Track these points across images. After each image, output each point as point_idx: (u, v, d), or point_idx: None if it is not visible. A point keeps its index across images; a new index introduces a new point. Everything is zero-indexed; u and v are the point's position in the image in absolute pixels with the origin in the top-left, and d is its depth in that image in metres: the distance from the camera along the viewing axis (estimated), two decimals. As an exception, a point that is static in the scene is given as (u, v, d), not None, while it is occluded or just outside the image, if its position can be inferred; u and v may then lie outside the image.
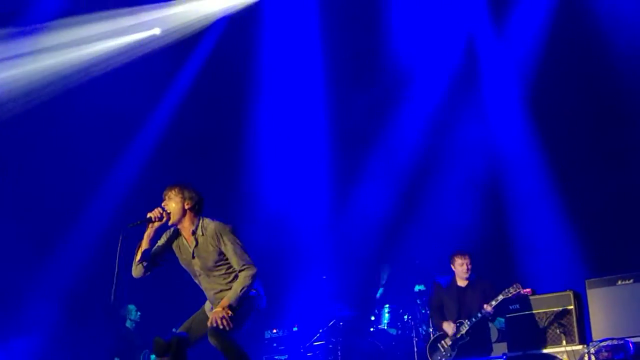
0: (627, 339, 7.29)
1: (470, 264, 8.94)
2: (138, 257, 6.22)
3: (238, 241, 6.18)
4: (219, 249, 6.16)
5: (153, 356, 10.15)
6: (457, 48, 12.01)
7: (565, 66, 10.80)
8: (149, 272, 6.34)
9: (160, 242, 6.37)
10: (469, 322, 8.62)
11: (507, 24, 11.59)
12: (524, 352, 8.01)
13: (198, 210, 6.31)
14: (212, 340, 5.98)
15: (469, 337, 8.63)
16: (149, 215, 6.16)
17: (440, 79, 11.92)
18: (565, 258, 10.36)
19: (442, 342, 8.80)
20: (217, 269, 6.23)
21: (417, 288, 10.65)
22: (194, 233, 6.24)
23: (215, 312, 6.02)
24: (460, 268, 8.95)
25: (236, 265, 6.14)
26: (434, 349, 8.90)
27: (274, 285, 11.11)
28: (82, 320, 11.28)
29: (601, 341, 7.39)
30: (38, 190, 11.36)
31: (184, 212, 6.24)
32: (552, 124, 10.98)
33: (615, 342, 7.28)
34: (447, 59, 11.97)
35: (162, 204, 6.25)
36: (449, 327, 8.75)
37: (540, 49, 11.13)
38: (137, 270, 6.29)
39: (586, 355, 7.39)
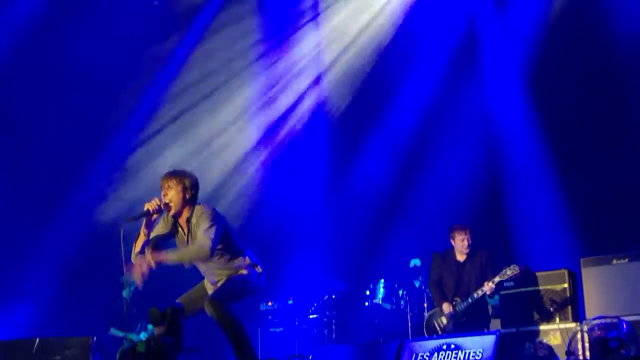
0: (621, 318, 7.31)
1: (470, 239, 8.71)
2: (138, 248, 6.14)
3: (210, 222, 6.04)
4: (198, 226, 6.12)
5: (150, 326, 10.20)
6: (458, 25, 11.96)
7: (566, 45, 10.76)
8: None
9: (159, 229, 6.30)
10: (465, 303, 8.46)
11: (509, 1, 11.55)
12: (517, 329, 8.04)
13: (196, 197, 6.28)
14: (208, 310, 6.00)
15: (465, 318, 8.48)
16: (146, 207, 6.07)
17: (440, 56, 11.88)
18: (561, 236, 10.38)
19: (439, 319, 8.64)
20: (213, 256, 6.20)
21: (412, 263, 10.66)
22: (188, 221, 6.20)
23: (144, 257, 5.99)
24: (461, 243, 8.72)
25: (198, 238, 6.04)
26: (431, 326, 8.73)
27: (270, 258, 11.15)
28: (79, 289, 11.32)
29: (594, 319, 7.42)
30: (37, 158, 11.35)
31: (185, 202, 6.19)
32: (552, 102, 10.95)
33: (608, 320, 7.30)
34: (448, 36, 11.91)
35: (162, 194, 6.17)
36: (447, 308, 8.58)
37: (542, 28, 11.08)
38: (137, 260, 6.25)
39: (579, 332, 7.42)
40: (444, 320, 8.58)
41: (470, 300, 8.44)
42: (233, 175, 12.26)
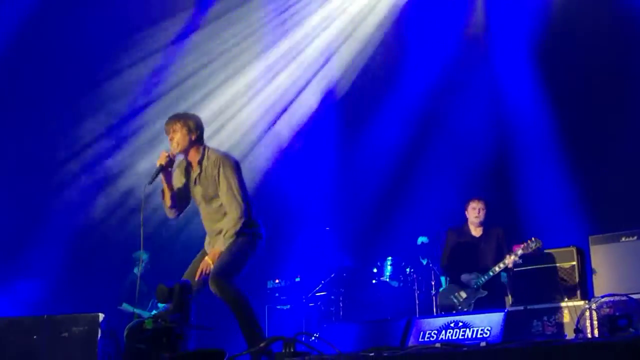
0: (630, 296, 7.28)
1: (484, 209, 8.74)
2: (168, 202, 6.31)
3: (235, 179, 6.19)
4: (217, 179, 6.20)
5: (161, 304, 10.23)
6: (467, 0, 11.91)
7: (576, 18, 10.68)
8: (182, 211, 6.48)
9: (177, 181, 6.41)
10: (485, 277, 8.43)
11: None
12: (525, 306, 8.01)
13: (202, 138, 6.37)
14: (212, 288, 6.02)
15: (487, 292, 8.47)
16: (158, 163, 6.19)
17: (449, 31, 11.80)
18: (569, 214, 10.34)
19: (457, 294, 8.59)
20: (217, 199, 6.26)
21: (420, 240, 10.63)
22: (200, 162, 6.28)
23: (204, 263, 6.14)
24: (472, 212, 8.74)
25: (224, 202, 6.18)
26: (447, 301, 8.68)
27: (278, 235, 11.16)
28: (87, 265, 11.35)
29: (603, 297, 7.39)
30: (45, 133, 11.34)
31: (191, 144, 6.28)
32: (560, 78, 10.89)
33: (617, 298, 7.28)
34: (457, 11, 11.83)
35: (169, 137, 6.27)
36: (467, 276, 8.55)
37: (551, 2, 11.01)
38: (171, 214, 6.42)
39: (587, 311, 7.40)
40: (463, 294, 8.52)
41: (491, 273, 8.41)
42: (239, 151, 12.23)
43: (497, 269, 8.40)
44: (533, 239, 8.24)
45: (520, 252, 8.23)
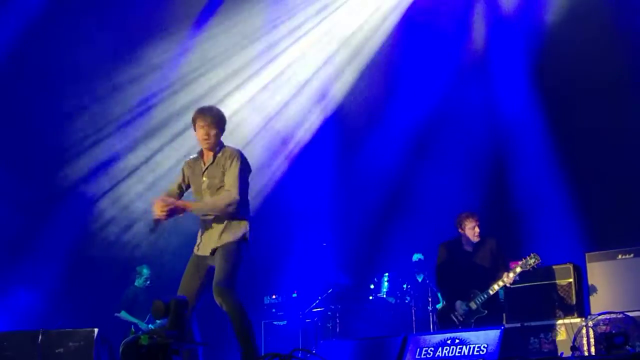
0: (626, 313, 7.28)
1: (478, 222, 8.47)
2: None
3: (242, 173, 6.32)
4: (229, 167, 6.32)
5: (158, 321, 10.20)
6: (465, 19, 11.93)
7: (573, 36, 10.72)
8: None
9: (180, 179, 6.52)
10: (485, 295, 8.21)
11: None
12: (522, 324, 8.00)
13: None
14: (217, 299, 6.06)
15: (486, 311, 8.23)
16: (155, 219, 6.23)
17: (447, 49, 11.83)
18: (566, 231, 10.34)
19: (456, 313, 8.37)
20: (223, 188, 6.32)
21: (415, 257, 10.62)
22: (216, 154, 6.39)
23: (178, 202, 6.24)
24: (472, 231, 8.44)
25: (227, 186, 6.28)
26: (446, 320, 8.48)
27: (275, 251, 11.16)
28: (84, 280, 11.34)
29: (600, 314, 7.39)
30: (45, 143, 11.35)
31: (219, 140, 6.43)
32: (557, 95, 10.93)
33: (613, 315, 7.27)
34: (454, 29, 11.87)
35: (202, 131, 6.32)
36: (461, 306, 8.32)
37: (547, 20, 11.06)
38: None
39: (584, 328, 7.39)
40: (462, 313, 8.40)
41: (490, 292, 8.18)
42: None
43: (496, 286, 8.18)
44: (532, 254, 8.08)
45: (518, 269, 8.05)
